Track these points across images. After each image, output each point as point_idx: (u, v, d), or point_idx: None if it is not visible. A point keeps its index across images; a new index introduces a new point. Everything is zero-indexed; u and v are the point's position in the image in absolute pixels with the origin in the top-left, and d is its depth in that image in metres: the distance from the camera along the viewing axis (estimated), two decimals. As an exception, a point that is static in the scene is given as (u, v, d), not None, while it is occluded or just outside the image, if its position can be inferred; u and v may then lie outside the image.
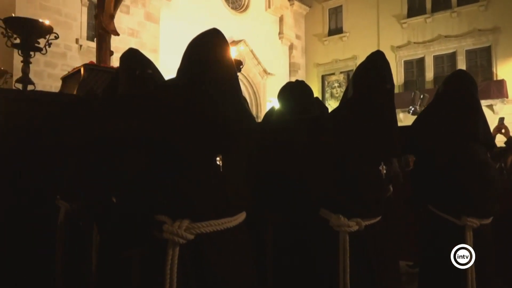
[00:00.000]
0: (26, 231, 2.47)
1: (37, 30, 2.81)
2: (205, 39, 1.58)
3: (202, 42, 1.57)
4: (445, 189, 2.18)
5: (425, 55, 16.63)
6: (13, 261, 2.47)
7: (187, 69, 1.56)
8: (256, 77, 17.29)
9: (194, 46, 1.58)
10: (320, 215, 1.96)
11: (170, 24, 14.34)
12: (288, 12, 19.16)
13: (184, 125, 1.47)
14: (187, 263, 1.44)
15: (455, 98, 2.27)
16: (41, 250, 2.41)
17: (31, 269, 2.44)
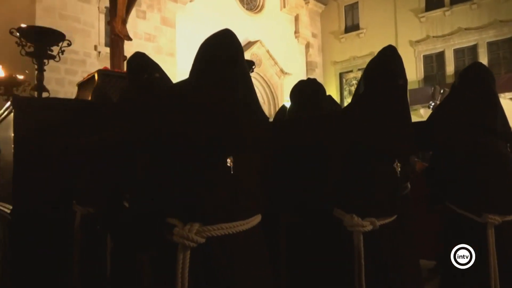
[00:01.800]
0: (45, 235, 2.52)
1: (50, 38, 2.86)
2: (217, 40, 1.57)
3: (215, 43, 1.56)
4: (464, 185, 2.12)
5: (444, 49, 16.27)
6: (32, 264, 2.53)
7: (199, 70, 1.55)
8: (273, 77, 17.25)
9: (206, 47, 1.57)
10: (333, 215, 1.93)
11: (186, 27, 14.45)
12: (303, 11, 19.06)
13: (194, 126, 1.46)
14: (198, 267, 1.42)
15: (472, 91, 2.21)
16: (59, 253, 2.46)
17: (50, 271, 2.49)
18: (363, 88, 2.03)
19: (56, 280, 2.47)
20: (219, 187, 1.44)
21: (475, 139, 2.12)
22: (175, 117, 1.48)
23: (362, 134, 1.91)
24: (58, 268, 2.46)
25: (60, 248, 2.45)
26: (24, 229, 2.54)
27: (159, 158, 1.48)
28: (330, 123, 2.12)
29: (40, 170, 2.56)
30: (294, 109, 2.44)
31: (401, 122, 1.96)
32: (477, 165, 2.09)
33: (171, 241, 1.43)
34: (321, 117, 2.23)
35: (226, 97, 1.46)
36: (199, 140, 1.43)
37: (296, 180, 2.14)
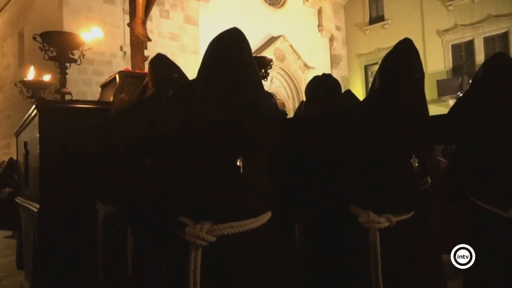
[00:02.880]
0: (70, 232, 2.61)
1: (71, 42, 2.95)
2: (223, 40, 1.58)
3: (221, 43, 1.58)
4: (489, 178, 2.06)
5: (474, 37, 15.72)
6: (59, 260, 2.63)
7: (206, 70, 1.57)
8: (296, 71, 17.14)
9: (213, 46, 1.59)
10: (349, 211, 1.91)
11: (209, 25, 14.52)
12: (326, 4, 18.82)
13: (203, 128, 1.48)
14: (210, 265, 1.44)
15: (496, 82, 2.14)
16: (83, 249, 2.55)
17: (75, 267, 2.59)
18: (379, 83, 2.00)
19: (81, 275, 2.56)
20: (229, 187, 1.46)
21: (501, 131, 2.05)
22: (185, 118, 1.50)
23: (378, 129, 1.88)
24: (83, 264, 2.55)
25: (84, 245, 2.54)
26: (50, 227, 2.64)
27: (170, 158, 1.51)
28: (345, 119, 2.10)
29: (65, 171, 2.65)
30: (308, 105, 2.43)
31: (418, 117, 1.92)
32: (502, 158, 2.03)
33: (183, 239, 1.46)
34: (336, 114, 2.21)
35: (232, 99, 1.47)
36: (209, 142, 1.46)
37: (311, 176, 2.13)
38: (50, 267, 2.70)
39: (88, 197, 2.53)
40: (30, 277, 3.43)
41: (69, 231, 2.62)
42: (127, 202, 1.84)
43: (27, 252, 3.71)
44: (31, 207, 2.95)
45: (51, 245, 2.66)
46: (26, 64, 14.38)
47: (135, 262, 2.11)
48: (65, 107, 2.78)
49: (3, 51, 17.13)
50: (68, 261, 2.63)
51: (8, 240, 7.51)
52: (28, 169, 3.32)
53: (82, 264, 2.57)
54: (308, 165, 2.13)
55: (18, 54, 15.58)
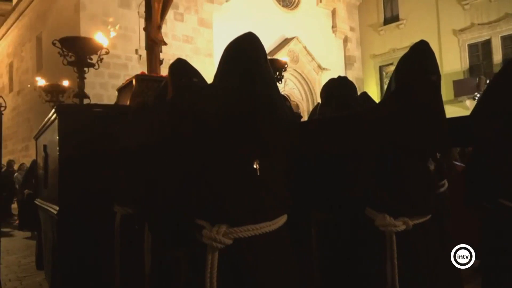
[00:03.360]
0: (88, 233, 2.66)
1: (89, 47, 3.01)
2: (239, 44, 1.59)
3: (236, 47, 1.59)
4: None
5: (491, 36, 15.48)
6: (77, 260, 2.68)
7: (222, 76, 1.58)
8: (310, 73, 17.11)
9: (229, 51, 1.60)
10: (365, 214, 1.91)
11: (223, 27, 14.60)
12: (340, 5, 18.75)
13: (220, 132, 1.50)
14: (226, 267, 1.46)
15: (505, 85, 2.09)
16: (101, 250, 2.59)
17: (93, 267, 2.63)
18: (395, 85, 1.99)
19: (98, 276, 2.60)
20: (246, 190, 1.47)
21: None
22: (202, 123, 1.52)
23: (394, 132, 1.87)
24: (100, 264, 2.60)
25: (101, 246, 2.58)
26: (69, 228, 2.69)
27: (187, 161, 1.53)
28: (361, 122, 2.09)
29: (83, 173, 2.70)
30: (323, 108, 2.44)
31: (434, 119, 1.90)
32: None
33: (200, 241, 1.48)
34: (353, 116, 2.21)
35: (248, 102, 1.48)
36: (225, 146, 1.47)
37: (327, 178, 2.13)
38: (69, 268, 2.75)
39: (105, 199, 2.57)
40: (49, 277, 3.50)
41: (87, 232, 2.67)
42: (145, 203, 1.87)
43: (46, 253, 3.78)
44: (50, 208, 3.01)
45: (70, 246, 2.72)
46: (44, 68, 14.68)
47: (152, 264, 2.14)
48: (84, 111, 2.84)
49: (22, 55, 17.50)
50: (86, 261, 2.67)
51: (27, 241, 7.67)
52: (47, 171, 3.39)
53: (99, 264, 2.62)
54: (324, 167, 2.13)
55: (37, 58, 15.90)
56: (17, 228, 9.15)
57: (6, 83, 19.22)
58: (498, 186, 2.09)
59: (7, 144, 17.07)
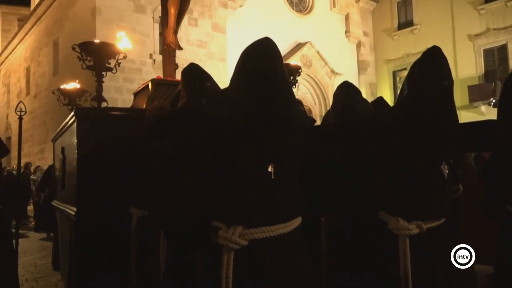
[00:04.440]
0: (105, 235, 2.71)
1: (108, 52, 3.08)
2: (256, 50, 1.62)
3: (253, 53, 1.61)
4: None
5: (507, 41, 15.30)
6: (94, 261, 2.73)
7: (239, 81, 1.61)
8: (323, 78, 17.10)
9: (246, 56, 1.63)
10: (379, 218, 1.92)
11: (236, 32, 14.71)
12: (354, 10, 18.74)
13: (235, 136, 1.53)
14: (242, 268, 1.48)
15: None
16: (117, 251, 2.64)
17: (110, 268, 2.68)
18: (407, 90, 2.00)
19: (115, 276, 2.65)
20: (261, 192, 1.50)
21: None
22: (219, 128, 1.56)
23: (407, 136, 1.89)
24: (117, 265, 2.64)
25: (118, 247, 2.63)
26: (86, 229, 2.75)
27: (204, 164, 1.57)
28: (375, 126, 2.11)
29: (100, 176, 2.76)
30: (332, 113, 2.48)
31: (447, 124, 1.91)
32: None
33: (216, 243, 1.51)
34: (367, 121, 2.23)
35: (264, 107, 1.51)
36: (241, 150, 1.50)
37: (340, 182, 2.14)
38: (86, 268, 2.80)
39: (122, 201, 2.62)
40: (65, 278, 3.56)
41: (104, 233, 2.72)
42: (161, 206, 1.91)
43: (63, 254, 3.85)
44: (68, 210, 3.07)
45: (87, 247, 2.77)
46: (61, 72, 14.95)
47: (168, 265, 2.18)
48: (102, 114, 2.90)
49: (39, 59, 17.85)
50: (103, 262, 2.72)
51: (43, 242, 7.79)
52: (65, 173, 3.46)
53: (116, 265, 2.66)
54: (337, 171, 2.15)
55: (53, 63, 16.20)
56: (33, 229, 9.31)
57: (23, 87, 19.61)
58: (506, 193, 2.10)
59: (24, 147, 17.34)
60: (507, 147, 2.09)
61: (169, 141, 1.73)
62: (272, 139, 1.52)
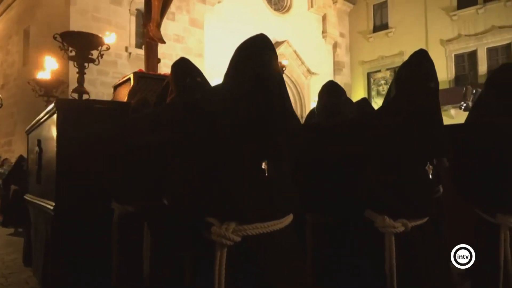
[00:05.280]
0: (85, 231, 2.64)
1: (91, 42, 3.00)
2: (252, 45, 1.62)
3: (249, 48, 1.61)
4: (482, 186, 2.10)
5: (477, 47, 15.83)
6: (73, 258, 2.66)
7: (234, 76, 1.60)
8: (300, 77, 17.22)
9: (241, 52, 1.62)
10: (365, 216, 1.95)
11: (214, 28, 14.61)
12: (331, 11, 18.94)
13: (230, 132, 1.53)
14: (235, 264, 1.49)
15: (500, 95, 2.17)
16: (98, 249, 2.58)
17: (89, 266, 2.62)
18: (395, 92, 2.05)
19: (94, 274, 2.59)
20: (255, 189, 1.51)
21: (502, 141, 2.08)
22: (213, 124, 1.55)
23: (395, 137, 1.93)
24: (97, 263, 2.58)
25: (99, 244, 2.57)
26: (66, 225, 2.67)
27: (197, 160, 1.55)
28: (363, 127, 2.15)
29: (81, 170, 2.69)
30: (317, 112, 2.51)
31: (433, 125, 1.97)
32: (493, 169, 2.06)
33: (209, 239, 1.51)
34: (352, 121, 2.26)
35: (259, 104, 1.51)
36: (235, 146, 1.50)
37: (326, 181, 2.17)
38: (63, 265, 2.72)
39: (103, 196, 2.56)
40: (39, 275, 3.45)
41: (84, 230, 2.65)
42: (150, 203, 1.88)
43: (36, 250, 3.73)
44: (44, 204, 2.98)
45: (65, 243, 2.69)
46: (31, 62, 14.45)
47: (153, 262, 2.14)
48: (83, 107, 2.82)
49: (7, 48, 17.19)
50: (81, 259, 2.65)
51: (10, 237, 7.52)
52: (41, 166, 3.35)
53: (95, 263, 2.60)
54: (323, 170, 2.18)
55: (23, 52, 15.65)
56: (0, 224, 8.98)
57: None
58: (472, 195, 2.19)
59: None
60: (470, 152, 2.18)
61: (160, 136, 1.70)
62: (269, 137, 1.52)
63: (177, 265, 1.81)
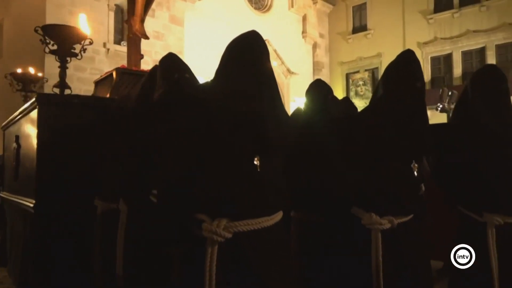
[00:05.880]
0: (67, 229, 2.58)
1: (74, 36, 2.93)
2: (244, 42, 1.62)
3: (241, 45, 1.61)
4: (468, 185, 2.16)
5: (452, 51, 16.25)
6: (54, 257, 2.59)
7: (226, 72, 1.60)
8: (280, 76, 17.29)
9: (233, 48, 1.61)
10: (351, 213, 1.98)
11: (195, 26, 14.52)
12: (311, 11, 19.08)
13: (223, 128, 1.52)
14: (226, 261, 1.48)
15: (479, 96, 2.23)
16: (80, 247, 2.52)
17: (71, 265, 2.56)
18: (382, 91, 2.08)
19: (77, 274, 2.53)
20: (246, 185, 1.50)
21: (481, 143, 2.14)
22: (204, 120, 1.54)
23: (381, 136, 1.96)
24: (79, 262, 2.53)
25: (81, 242, 2.51)
26: (46, 223, 2.60)
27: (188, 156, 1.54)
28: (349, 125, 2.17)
29: (62, 166, 2.62)
30: (305, 110, 2.54)
31: (419, 124, 2.01)
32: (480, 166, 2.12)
33: (199, 236, 1.49)
34: (341, 119, 2.29)
35: (252, 101, 1.51)
36: (227, 142, 1.49)
37: (312, 178, 2.19)
38: (43, 265, 2.65)
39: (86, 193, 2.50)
40: (16, 275, 3.36)
41: (65, 228, 2.59)
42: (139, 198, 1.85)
43: (13, 249, 3.62)
44: (23, 202, 2.90)
45: (46, 242, 2.62)
46: (5, 56, 14.03)
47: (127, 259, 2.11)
48: (65, 102, 2.75)
49: (-20, 42, 16.66)
50: (63, 258, 2.59)
51: (-17, 236, 7.29)
52: (19, 163, 3.26)
53: (77, 262, 2.54)
54: (309, 167, 2.19)
55: (-3, 46, 15.20)
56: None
57: (-39, 70, 18.22)
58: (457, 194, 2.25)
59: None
60: (453, 149, 2.24)
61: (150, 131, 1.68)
62: (261, 133, 1.52)
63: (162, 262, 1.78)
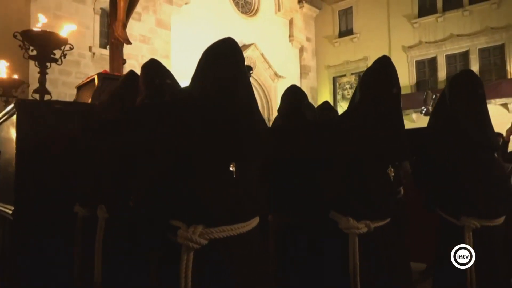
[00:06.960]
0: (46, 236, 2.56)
1: (53, 42, 2.91)
2: (219, 49, 1.62)
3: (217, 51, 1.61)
4: (446, 189, 2.20)
5: (437, 54, 16.47)
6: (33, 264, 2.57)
7: (201, 79, 1.61)
8: (267, 80, 17.33)
9: (209, 55, 1.62)
10: (329, 218, 2.00)
11: (181, 30, 14.48)
12: (298, 15, 19.18)
13: (199, 134, 1.53)
14: (201, 267, 1.48)
15: (458, 101, 2.27)
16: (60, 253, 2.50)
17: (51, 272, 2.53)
18: (359, 96, 2.11)
19: (57, 280, 2.51)
20: (222, 191, 1.51)
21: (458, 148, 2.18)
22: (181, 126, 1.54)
23: (358, 141, 1.98)
24: (59, 269, 2.50)
25: (61, 249, 2.49)
26: (26, 230, 2.58)
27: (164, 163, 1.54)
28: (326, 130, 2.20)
29: (42, 172, 2.60)
30: (280, 115, 2.56)
31: (395, 129, 2.04)
32: (457, 171, 2.16)
33: (175, 242, 1.50)
34: (318, 124, 2.31)
35: (228, 107, 1.52)
36: (203, 148, 1.50)
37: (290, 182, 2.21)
38: (21, 272, 2.63)
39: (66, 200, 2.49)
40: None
41: (45, 234, 2.56)
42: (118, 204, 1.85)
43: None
44: (2, 208, 2.86)
45: (25, 249, 2.60)
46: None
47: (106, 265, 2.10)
48: (45, 108, 2.73)
49: (-38, 45, 16.39)
50: (42, 264, 2.57)
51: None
52: (-2, 169, 3.22)
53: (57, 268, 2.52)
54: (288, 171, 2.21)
55: (-21, 50, 14.96)
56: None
57: None
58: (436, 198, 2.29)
59: None
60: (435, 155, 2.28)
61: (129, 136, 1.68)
62: (236, 139, 1.53)
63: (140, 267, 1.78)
